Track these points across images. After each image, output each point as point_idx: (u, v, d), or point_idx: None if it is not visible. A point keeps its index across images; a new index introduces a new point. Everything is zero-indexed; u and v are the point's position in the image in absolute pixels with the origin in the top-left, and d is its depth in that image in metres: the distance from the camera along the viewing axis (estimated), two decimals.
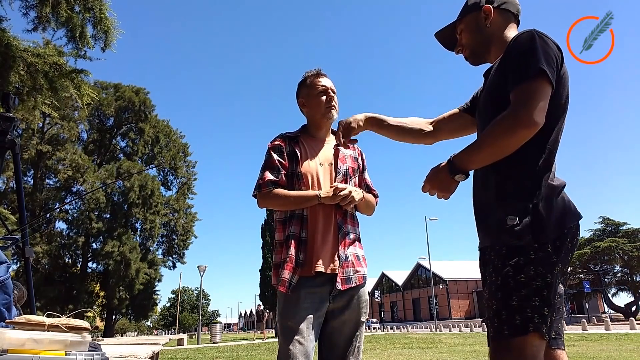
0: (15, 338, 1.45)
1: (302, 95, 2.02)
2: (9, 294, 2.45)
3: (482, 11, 1.54)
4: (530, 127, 1.24)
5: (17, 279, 3.95)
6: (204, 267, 22.42)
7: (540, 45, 1.30)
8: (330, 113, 1.97)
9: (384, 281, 52.64)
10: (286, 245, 1.81)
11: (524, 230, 1.25)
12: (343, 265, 1.80)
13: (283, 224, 1.87)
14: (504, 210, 1.30)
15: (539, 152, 1.32)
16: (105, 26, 5.81)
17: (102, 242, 30.07)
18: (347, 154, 2.00)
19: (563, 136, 1.41)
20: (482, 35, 1.55)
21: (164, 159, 33.30)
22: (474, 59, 1.60)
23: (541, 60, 1.27)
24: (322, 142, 2.00)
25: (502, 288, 1.25)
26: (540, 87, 1.26)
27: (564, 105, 1.36)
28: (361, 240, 1.96)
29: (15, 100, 3.62)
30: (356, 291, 1.84)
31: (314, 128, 2.01)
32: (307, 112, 2.02)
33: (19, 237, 3.43)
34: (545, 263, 1.23)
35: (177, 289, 44.28)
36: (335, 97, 1.99)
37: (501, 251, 1.28)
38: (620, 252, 34.16)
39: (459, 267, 42.41)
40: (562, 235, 1.26)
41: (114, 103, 31.35)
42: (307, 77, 2.02)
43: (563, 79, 1.34)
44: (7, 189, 24.01)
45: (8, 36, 5.32)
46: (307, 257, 1.79)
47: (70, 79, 5.68)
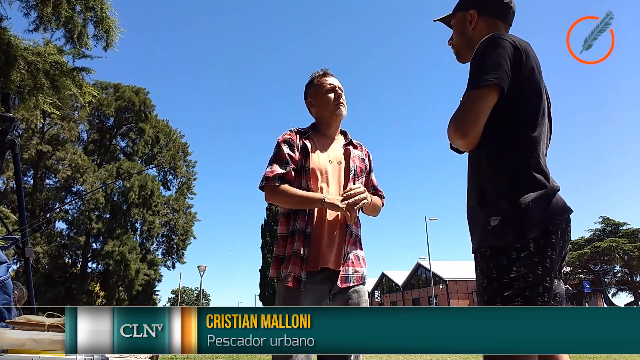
0: (15, 338, 1.45)
1: (310, 95, 2.03)
2: (9, 294, 2.45)
3: (467, 14, 1.56)
4: (458, 138, 1.33)
5: (17, 279, 3.95)
6: (204, 267, 22.42)
7: (491, 52, 1.32)
8: (340, 110, 1.97)
9: (384, 281, 52.67)
10: (291, 240, 1.81)
11: (505, 231, 1.25)
12: (344, 264, 1.81)
13: (287, 217, 1.87)
14: (487, 212, 1.31)
15: (519, 153, 1.32)
16: (107, 25, 5.82)
17: (102, 242, 30.06)
18: (356, 154, 2.00)
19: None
20: (465, 38, 1.58)
21: (164, 159, 33.29)
22: (459, 58, 1.64)
23: (486, 70, 1.30)
24: (332, 140, 2.00)
25: (487, 290, 1.26)
26: (480, 96, 1.30)
27: (535, 104, 1.35)
28: (362, 242, 1.96)
29: (15, 100, 3.63)
30: (356, 291, 1.84)
31: (324, 126, 2.01)
32: (315, 111, 2.03)
33: (19, 237, 3.43)
34: (528, 263, 1.22)
35: (177, 289, 44.32)
36: (343, 95, 2.00)
37: (485, 253, 1.29)
38: (620, 252, 34.15)
39: (459, 267, 42.37)
40: (546, 232, 1.25)
41: (114, 103, 31.31)
42: (315, 77, 2.03)
43: (525, 79, 1.34)
44: (7, 189, 24.00)
45: (9, 35, 5.33)
46: (311, 253, 1.78)
47: (71, 77, 5.69)
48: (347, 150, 1.96)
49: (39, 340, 1.47)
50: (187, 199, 35.19)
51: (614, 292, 37.45)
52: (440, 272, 41.37)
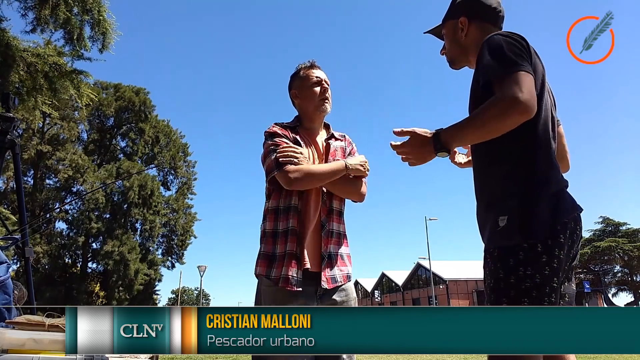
0: (15, 338, 1.45)
1: (295, 87, 1.97)
2: (9, 294, 2.45)
3: (458, 21, 1.56)
4: (525, 111, 1.22)
5: (17, 279, 3.95)
6: (204, 267, 22.40)
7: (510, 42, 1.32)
8: (324, 106, 1.92)
9: (384, 281, 52.66)
10: (284, 239, 1.75)
11: (513, 231, 1.25)
12: (327, 265, 1.77)
13: (276, 214, 1.80)
14: (496, 212, 1.31)
15: (528, 153, 1.32)
16: (104, 28, 5.83)
17: (102, 242, 30.06)
18: (338, 146, 1.97)
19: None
20: (458, 46, 1.58)
21: (164, 159, 33.29)
22: (453, 65, 1.64)
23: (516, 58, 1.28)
24: (315, 135, 1.97)
25: (494, 290, 1.26)
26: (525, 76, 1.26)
27: (539, 98, 1.34)
28: (347, 237, 1.92)
29: (15, 100, 3.63)
30: (343, 289, 1.80)
31: (307, 120, 1.97)
32: (299, 103, 1.97)
33: (19, 237, 3.44)
34: (535, 263, 1.22)
35: (177, 289, 44.32)
36: (329, 90, 1.95)
37: (494, 253, 1.29)
38: (620, 252, 34.18)
39: (459, 267, 42.34)
40: (555, 232, 1.25)
41: (114, 103, 31.33)
42: (301, 69, 1.98)
43: (537, 71, 1.34)
44: (7, 189, 24.01)
45: (8, 36, 5.33)
46: (301, 253, 1.74)
47: (70, 79, 5.70)
48: (327, 145, 1.92)
49: (39, 340, 1.47)
50: (187, 199, 35.20)
51: (614, 292, 37.50)
52: (440, 272, 41.35)
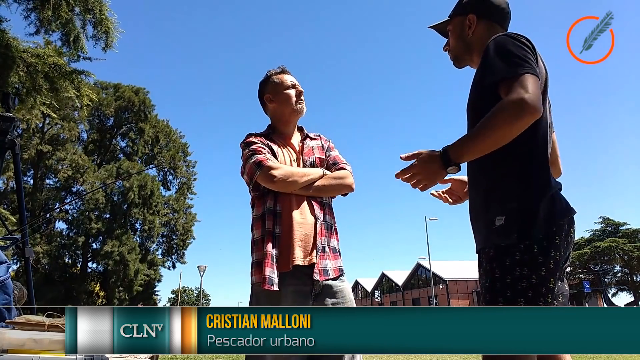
0: (15, 338, 1.45)
1: (269, 91, 1.98)
2: (9, 294, 2.45)
3: (466, 18, 1.55)
4: (534, 112, 1.21)
5: (17, 279, 3.95)
6: (204, 267, 22.40)
7: (518, 47, 1.31)
8: (301, 106, 1.95)
9: (384, 281, 52.64)
10: (263, 243, 1.76)
11: (510, 231, 1.25)
12: (320, 257, 1.76)
13: (260, 220, 1.82)
14: (492, 212, 1.31)
15: (525, 154, 1.32)
16: (106, 27, 5.83)
17: (101, 242, 30.07)
18: (314, 145, 1.99)
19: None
20: (464, 43, 1.57)
21: (164, 159, 33.29)
22: (457, 63, 1.64)
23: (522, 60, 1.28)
24: (290, 138, 1.98)
25: (490, 290, 1.26)
26: (532, 78, 1.25)
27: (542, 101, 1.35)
28: (337, 231, 1.92)
29: (15, 100, 3.64)
30: (339, 292, 1.78)
31: (282, 124, 1.98)
32: (274, 107, 1.97)
33: (19, 237, 3.44)
34: (531, 264, 1.22)
35: (177, 289, 44.33)
36: (303, 92, 1.98)
37: (489, 253, 1.29)
38: (620, 252, 34.17)
39: (459, 267, 42.34)
40: (551, 233, 1.26)
41: (113, 103, 31.32)
42: (273, 74, 2.00)
43: (540, 74, 1.34)
44: (7, 189, 24.01)
45: (8, 37, 5.34)
46: (282, 253, 1.74)
47: (70, 79, 5.70)
48: (301, 146, 1.94)
49: (39, 340, 1.47)
50: (187, 199, 35.20)
51: (614, 292, 37.49)
52: (440, 272, 41.36)
